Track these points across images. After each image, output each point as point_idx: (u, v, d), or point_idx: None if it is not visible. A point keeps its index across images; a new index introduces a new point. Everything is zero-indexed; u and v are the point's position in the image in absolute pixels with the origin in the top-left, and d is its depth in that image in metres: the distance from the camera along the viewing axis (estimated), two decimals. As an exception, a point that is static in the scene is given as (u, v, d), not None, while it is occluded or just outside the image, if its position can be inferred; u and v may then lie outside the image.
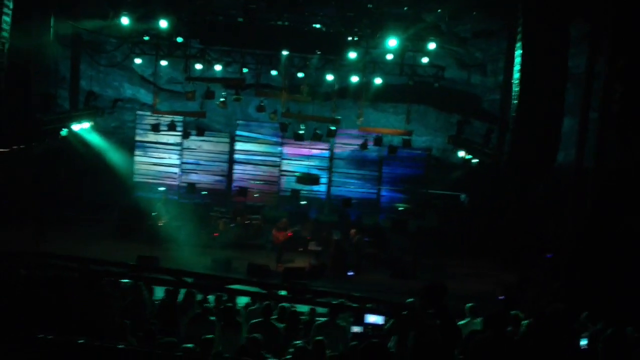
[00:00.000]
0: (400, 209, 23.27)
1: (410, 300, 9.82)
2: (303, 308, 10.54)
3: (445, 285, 5.51)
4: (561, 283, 15.23)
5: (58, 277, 9.08)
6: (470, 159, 20.20)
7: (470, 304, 11.34)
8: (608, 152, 14.49)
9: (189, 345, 7.45)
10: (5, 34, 16.49)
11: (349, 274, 17.89)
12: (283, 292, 7.88)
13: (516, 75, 16.12)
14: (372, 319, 9.77)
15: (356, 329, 9.63)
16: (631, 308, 12.14)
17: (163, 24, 19.02)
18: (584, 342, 6.56)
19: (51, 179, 21.56)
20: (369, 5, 18.79)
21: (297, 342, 7.87)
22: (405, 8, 18.96)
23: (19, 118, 17.59)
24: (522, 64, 15.65)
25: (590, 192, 14.30)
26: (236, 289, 7.30)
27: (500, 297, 14.22)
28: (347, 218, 22.16)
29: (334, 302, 7.73)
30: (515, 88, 16.13)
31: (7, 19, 16.44)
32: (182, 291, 10.74)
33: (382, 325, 9.80)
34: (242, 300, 11.60)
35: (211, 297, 11.30)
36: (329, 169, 23.82)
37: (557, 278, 15.51)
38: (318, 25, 19.79)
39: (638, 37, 14.40)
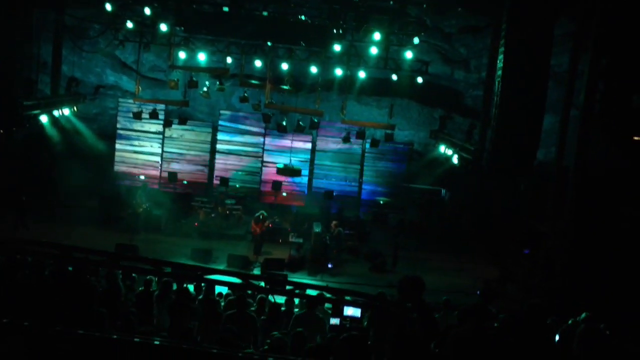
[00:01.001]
0: (381, 202, 23.37)
1: (380, 292, 9.92)
2: (281, 299, 10.59)
3: (422, 279, 5.54)
4: (540, 279, 15.43)
5: (38, 264, 9.04)
6: (452, 154, 20.32)
7: (445, 297, 11.49)
8: (589, 150, 14.69)
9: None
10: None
11: (329, 266, 17.97)
12: (261, 283, 7.87)
13: (498, 72, 16.22)
14: (350, 311, 9.83)
15: (334, 321, 9.68)
16: (613, 301, 12.36)
17: (147, 11, 18.87)
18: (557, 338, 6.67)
19: (31, 165, 21.39)
20: (354, -2, 18.78)
21: (275, 333, 7.89)
22: (391, 2, 18.96)
23: (1, 102, 17.40)
24: (505, 61, 15.73)
25: (570, 189, 14.48)
26: (214, 279, 7.29)
27: (478, 292, 14.37)
28: (328, 211, 22.19)
29: (312, 294, 7.76)
30: (497, 85, 16.23)
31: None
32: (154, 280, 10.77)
33: (359, 317, 9.87)
34: (221, 291, 11.64)
35: (190, 287, 11.32)
36: (311, 161, 23.81)
37: (536, 274, 15.71)
38: (303, 17, 19.72)
39: (621, 37, 14.59)
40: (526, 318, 5.37)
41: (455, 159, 19.93)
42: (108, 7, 18.96)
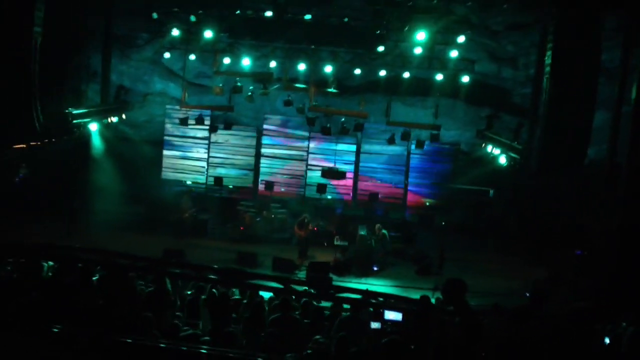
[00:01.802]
0: (427, 204, 23.10)
1: (423, 295, 9.75)
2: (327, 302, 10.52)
3: (464, 281, 5.40)
4: (590, 281, 14.97)
5: (85, 270, 9.20)
6: (499, 153, 19.93)
7: (494, 302, 11.24)
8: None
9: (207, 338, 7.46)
10: (37, 28, 16.73)
11: (374, 269, 17.84)
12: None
13: (547, 69, 15.82)
14: (391, 315, 9.67)
15: (375, 325, 9.55)
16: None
17: (192, 18, 19.09)
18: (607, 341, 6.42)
19: (82, 171, 21.89)
20: (397, -1, 18.61)
21: (318, 337, 7.83)
22: (435, 0, 18.71)
23: (51, 112, 17.84)
24: (553, 58, 15.33)
25: (621, 188, 14.00)
26: (256, 284, 7.28)
27: (527, 293, 14.03)
28: (374, 213, 22.05)
29: (355, 298, 7.67)
30: (546, 82, 15.83)
31: (40, 14, 16.66)
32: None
33: (401, 321, 9.70)
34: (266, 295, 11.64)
35: (236, 291, 11.37)
36: (356, 164, 23.70)
37: (586, 275, 15.26)
38: (346, 19, 19.66)
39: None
40: (572, 321, 5.19)
41: (502, 159, 19.55)
42: (155, 15, 19.26)
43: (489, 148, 21.05)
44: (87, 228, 18.80)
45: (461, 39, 19.44)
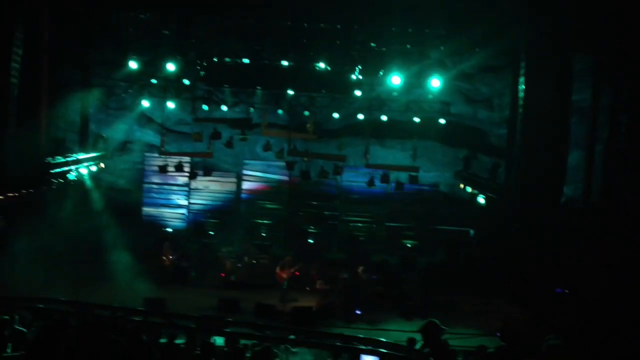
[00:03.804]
0: (408, 245, 23.14)
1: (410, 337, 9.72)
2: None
3: (438, 323, 5.43)
4: (571, 319, 14.99)
5: (61, 323, 9.06)
6: (477, 194, 20.10)
7: (479, 343, 11.21)
8: (616, 185, 14.41)
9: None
10: (14, 80, 16.81)
11: (357, 312, 17.71)
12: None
13: (520, 110, 16.14)
14: (368, 359, 9.59)
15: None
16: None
17: (170, 67, 19.25)
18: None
19: (63, 220, 21.69)
20: (372, 44, 18.94)
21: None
22: (409, 46, 19.08)
23: (28, 162, 17.78)
24: (525, 99, 15.68)
25: (597, 227, 14.16)
26: (235, 332, 7.23)
27: (497, 333, 14.06)
28: (355, 255, 22.00)
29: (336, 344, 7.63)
30: (519, 122, 16.13)
31: (16, 65, 16.77)
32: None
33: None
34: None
35: (219, 339, 11.22)
36: (336, 207, 23.75)
37: (567, 314, 15.28)
38: (323, 65, 19.96)
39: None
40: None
41: (481, 199, 19.71)
42: (133, 65, 19.41)
43: (468, 188, 21.23)
44: (66, 277, 18.50)
45: (436, 82, 19.75)
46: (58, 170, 18.71)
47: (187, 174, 23.24)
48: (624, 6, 13.90)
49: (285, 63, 19.95)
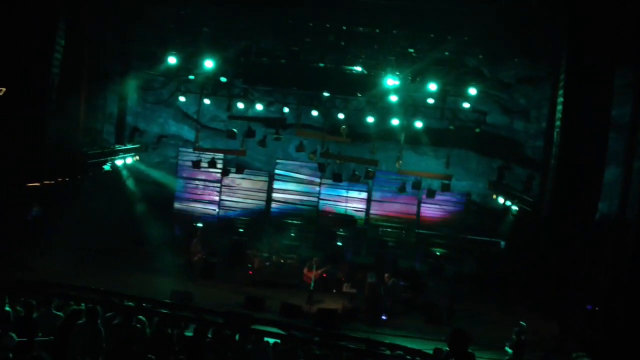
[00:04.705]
0: (437, 253, 22.99)
1: (437, 347, 9.67)
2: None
3: (467, 333, 5.39)
4: (600, 335, 14.76)
5: (93, 310, 9.23)
6: (510, 205, 19.89)
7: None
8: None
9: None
10: (56, 69, 17.15)
11: (383, 317, 17.66)
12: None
13: (557, 122, 15.92)
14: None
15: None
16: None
17: (209, 64, 19.44)
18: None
19: (96, 210, 22.05)
20: (409, 50, 18.89)
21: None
22: (447, 53, 18.97)
23: (65, 151, 18.11)
24: (564, 112, 15.45)
25: (631, 244, 13.91)
26: (261, 330, 7.27)
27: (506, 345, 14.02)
28: (383, 260, 21.94)
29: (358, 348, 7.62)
30: (557, 135, 15.91)
31: (58, 55, 17.10)
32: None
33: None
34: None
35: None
36: (367, 211, 23.72)
37: (595, 331, 15.05)
38: (360, 68, 19.95)
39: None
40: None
41: (513, 211, 19.49)
42: (172, 60, 19.63)
43: (500, 199, 21.02)
44: (96, 268, 18.79)
45: (473, 91, 19.62)
46: (94, 160, 19.00)
47: (219, 170, 23.40)
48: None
49: (322, 65, 20.00)
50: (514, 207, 19.45)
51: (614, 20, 14.98)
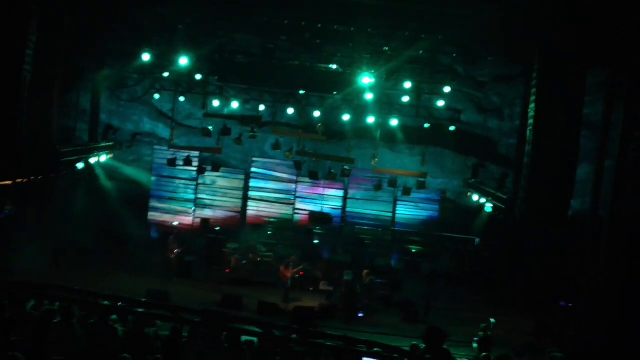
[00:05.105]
0: (413, 251, 23.13)
1: (413, 343, 9.73)
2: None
3: (442, 330, 5.44)
4: (576, 332, 14.97)
5: (67, 309, 9.12)
6: (485, 203, 20.09)
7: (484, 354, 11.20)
8: (624, 200, 14.33)
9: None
10: (28, 67, 16.87)
11: (360, 315, 17.73)
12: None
13: (530, 121, 16.11)
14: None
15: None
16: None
17: (183, 61, 19.30)
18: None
19: (71, 208, 21.83)
20: (385, 48, 18.97)
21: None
22: (421, 51, 19.08)
23: (38, 149, 17.86)
24: (536, 110, 15.63)
25: (605, 241, 14.11)
26: (239, 328, 7.26)
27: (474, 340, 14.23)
28: (360, 258, 22.02)
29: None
30: (530, 133, 16.10)
31: (30, 52, 16.83)
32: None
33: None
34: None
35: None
36: (343, 209, 23.78)
37: (571, 327, 15.26)
38: (335, 66, 19.99)
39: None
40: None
41: (488, 208, 19.69)
42: (146, 57, 19.47)
43: (475, 197, 21.23)
44: (71, 267, 18.59)
45: (447, 89, 19.79)
46: (68, 158, 18.77)
47: (195, 169, 23.28)
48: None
49: (297, 63, 20.01)
50: (489, 205, 19.64)
51: (586, 20, 15.17)
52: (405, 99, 20.41)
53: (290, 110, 21.48)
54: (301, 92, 20.83)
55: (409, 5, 17.28)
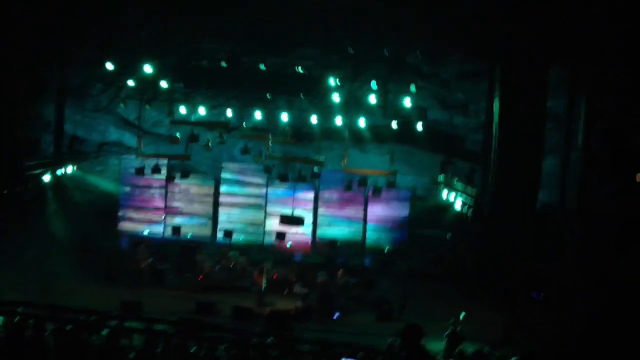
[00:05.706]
0: (385, 250, 23.23)
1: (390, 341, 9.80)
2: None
3: (420, 327, 5.49)
4: (549, 324, 15.17)
5: (39, 324, 9.00)
6: (454, 199, 20.27)
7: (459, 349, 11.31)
8: (590, 191, 14.59)
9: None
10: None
11: (335, 316, 17.76)
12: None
13: (495, 116, 16.35)
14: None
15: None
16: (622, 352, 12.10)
17: (148, 69, 19.16)
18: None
19: (38, 221, 21.48)
20: (349, 49, 19.06)
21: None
22: (386, 51, 19.20)
23: (3, 162, 17.59)
24: (500, 105, 15.88)
25: (573, 232, 14.35)
26: (214, 337, 7.23)
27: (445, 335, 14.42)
28: (333, 259, 22.06)
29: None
30: (495, 129, 16.32)
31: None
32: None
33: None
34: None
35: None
36: (315, 210, 23.79)
37: (544, 320, 15.46)
38: (301, 69, 20.02)
39: (617, 78, 14.64)
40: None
41: (457, 204, 19.88)
42: (109, 66, 19.27)
43: (444, 193, 21.42)
44: (41, 281, 18.28)
45: (413, 88, 19.95)
46: (33, 172, 18.52)
47: (164, 176, 23.06)
48: (601, 18, 14.12)
49: (263, 67, 19.98)
50: (458, 201, 19.83)
51: (547, 16, 15.43)
52: (372, 99, 20.51)
53: (258, 114, 21.43)
54: (268, 95, 20.80)
55: (373, 6, 17.41)
